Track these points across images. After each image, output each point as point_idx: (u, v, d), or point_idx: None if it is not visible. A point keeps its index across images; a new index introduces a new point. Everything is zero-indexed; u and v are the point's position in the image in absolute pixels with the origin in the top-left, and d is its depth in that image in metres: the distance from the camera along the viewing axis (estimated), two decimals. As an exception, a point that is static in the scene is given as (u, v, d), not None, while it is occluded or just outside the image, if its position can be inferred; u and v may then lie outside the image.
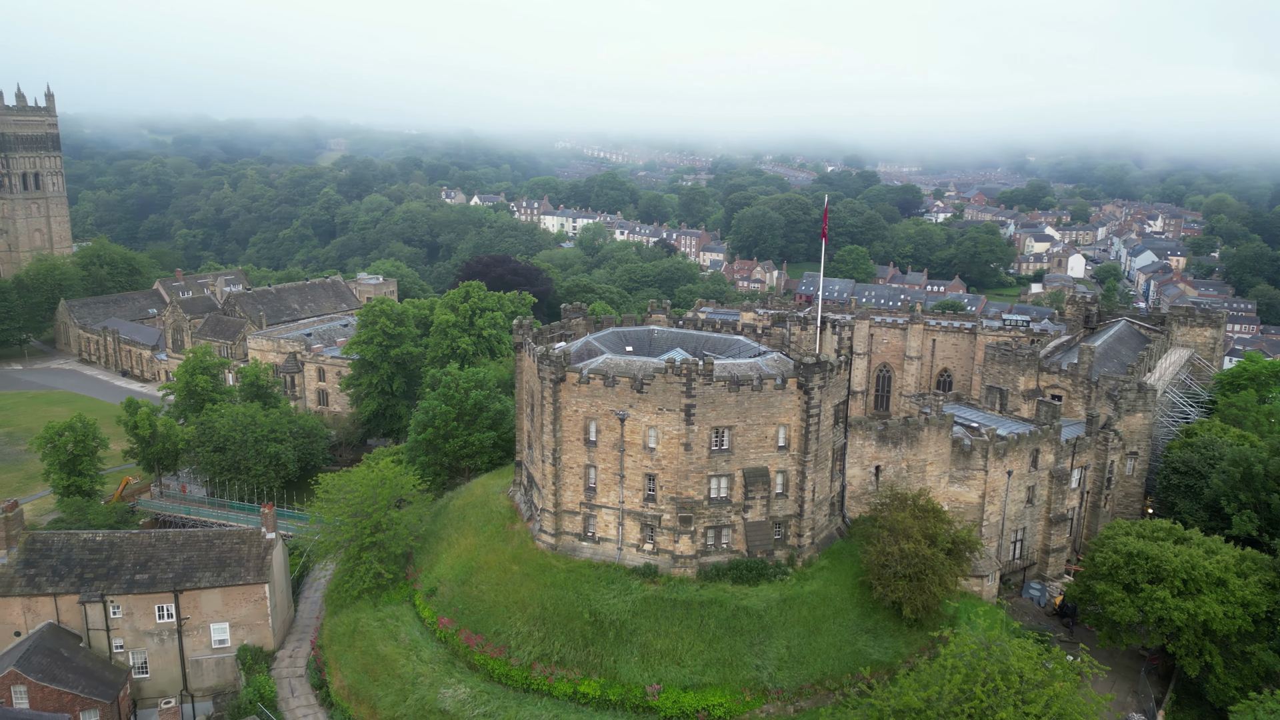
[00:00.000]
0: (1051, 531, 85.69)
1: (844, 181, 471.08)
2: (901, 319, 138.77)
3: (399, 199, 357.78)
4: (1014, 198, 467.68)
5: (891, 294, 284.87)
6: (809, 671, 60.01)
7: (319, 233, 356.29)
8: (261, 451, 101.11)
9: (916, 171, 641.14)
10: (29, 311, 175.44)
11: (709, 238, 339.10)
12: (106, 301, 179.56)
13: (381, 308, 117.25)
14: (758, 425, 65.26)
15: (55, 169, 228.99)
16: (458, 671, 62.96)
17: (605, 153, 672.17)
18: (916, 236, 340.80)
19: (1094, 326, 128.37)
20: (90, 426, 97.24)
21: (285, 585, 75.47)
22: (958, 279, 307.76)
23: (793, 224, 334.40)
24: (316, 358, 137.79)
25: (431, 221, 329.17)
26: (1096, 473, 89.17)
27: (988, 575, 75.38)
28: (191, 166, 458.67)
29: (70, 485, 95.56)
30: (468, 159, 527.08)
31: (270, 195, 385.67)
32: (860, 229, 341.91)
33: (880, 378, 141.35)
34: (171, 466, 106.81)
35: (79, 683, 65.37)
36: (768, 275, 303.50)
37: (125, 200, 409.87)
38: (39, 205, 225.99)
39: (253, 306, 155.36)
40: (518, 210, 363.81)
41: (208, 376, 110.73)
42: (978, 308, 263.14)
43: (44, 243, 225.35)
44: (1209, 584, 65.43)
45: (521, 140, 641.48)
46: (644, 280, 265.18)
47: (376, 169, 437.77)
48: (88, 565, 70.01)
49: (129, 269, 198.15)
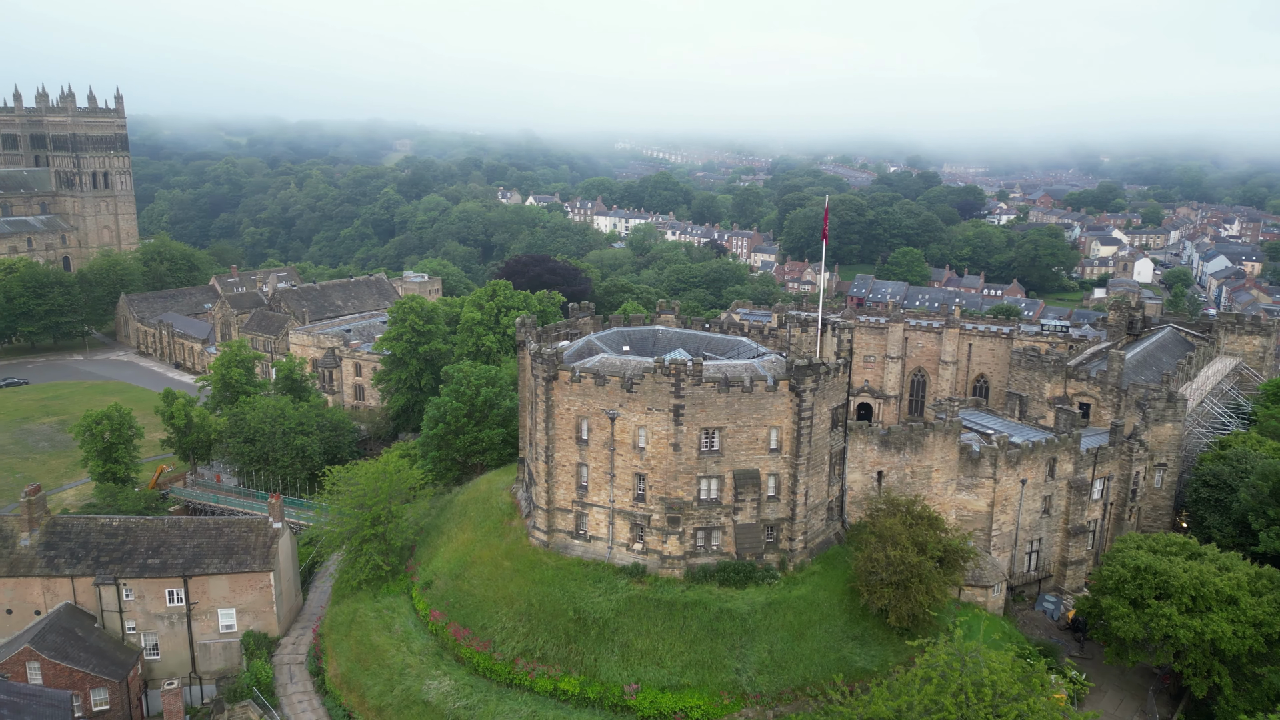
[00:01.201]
0: (1070, 543, 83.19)
1: (904, 182, 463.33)
2: (937, 323, 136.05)
3: (456, 199, 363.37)
4: (1082, 199, 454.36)
5: (946, 297, 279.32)
6: (790, 677, 59.36)
7: (379, 231, 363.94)
8: (289, 444, 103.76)
9: (983, 173, 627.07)
10: (91, 305, 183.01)
11: (761, 239, 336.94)
12: (164, 296, 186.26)
13: (411, 305, 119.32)
14: (748, 427, 64.74)
15: (123, 168, 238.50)
16: (445, 664, 63.88)
17: (664, 153, 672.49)
18: (975, 239, 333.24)
19: (1138, 333, 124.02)
20: (126, 415, 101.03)
21: (292, 574, 77.41)
22: (1016, 283, 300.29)
23: (846, 225, 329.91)
24: (353, 353, 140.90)
25: (486, 221, 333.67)
26: (1120, 484, 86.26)
27: (993, 586, 73.49)
28: (261, 167, 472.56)
29: (106, 472, 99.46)
30: (526, 160, 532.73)
31: (333, 195, 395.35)
32: (916, 231, 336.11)
33: (915, 382, 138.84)
34: (205, 456, 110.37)
35: (90, 661, 68.05)
36: (818, 277, 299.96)
37: (199, 199, 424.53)
38: (108, 203, 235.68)
39: (297, 302, 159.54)
40: (571, 211, 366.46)
41: (241, 370, 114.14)
42: (1035, 312, 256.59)
43: (112, 239, 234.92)
44: (1219, 602, 62.86)
45: (581, 142, 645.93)
46: (691, 281, 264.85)
47: (437, 169, 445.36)
48: (104, 549, 72.84)
49: (188, 265, 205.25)
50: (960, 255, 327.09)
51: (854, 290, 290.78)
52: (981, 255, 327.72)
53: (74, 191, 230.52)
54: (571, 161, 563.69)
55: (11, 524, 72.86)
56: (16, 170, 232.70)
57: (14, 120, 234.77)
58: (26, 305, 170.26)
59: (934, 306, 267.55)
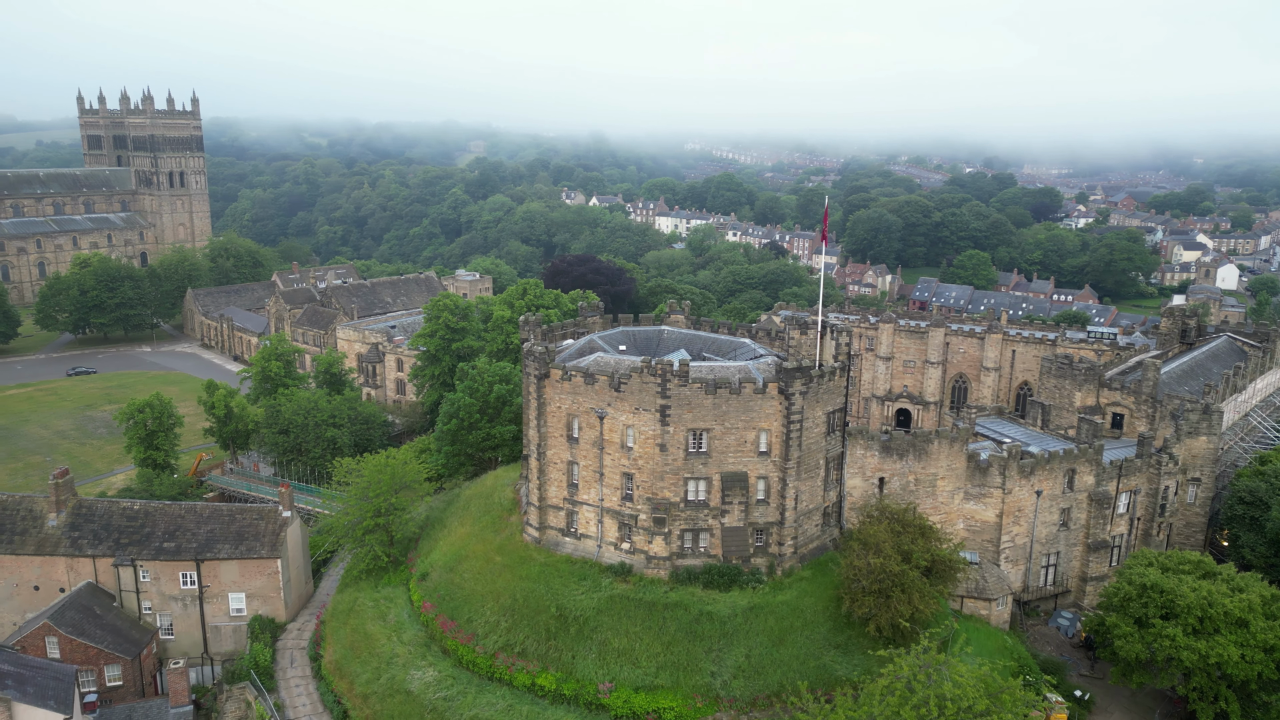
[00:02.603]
0: (1090, 558, 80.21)
1: (978, 184, 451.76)
2: (979, 327, 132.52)
3: (521, 199, 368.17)
4: (1167, 202, 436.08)
5: (1013, 302, 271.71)
6: (766, 682, 58.61)
7: (446, 231, 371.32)
8: (320, 435, 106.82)
9: (1066, 174, 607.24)
10: (160, 298, 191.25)
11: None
12: (228, 291, 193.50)
13: (444, 303, 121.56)
14: (736, 429, 64.19)
15: (198, 168, 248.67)
16: (431, 655, 64.94)
17: (733, 154, 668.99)
18: (1047, 242, 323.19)
19: (1191, 341, 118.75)
20: (167, 405, 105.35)
21: (302, 561, 79.65)
22: (1088, 288, 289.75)
23: (911, 227, 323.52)
24: (396, 349, 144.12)
25: (549, 221, 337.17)
26: (1148, 498, 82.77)
27: (997, 599, 71.36)
28: (338, 167, 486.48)
29: (147, 458, 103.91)
30: (595, 162, 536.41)
31: (404, 195, 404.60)
32: (984, 233, 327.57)
33: (956, 388, 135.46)
34: (244, 445, 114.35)
35: (105, 638, 71.20)
36: (880, 280, 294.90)
37: (278, 198, 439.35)
38: (183, 201, 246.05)
39: (347, 299, 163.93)
40: (633, 211, 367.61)
41: (280, 363, 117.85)
42: (1106, 319, 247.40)
43: (186, 236, 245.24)
44: (1228, 624, 59.97)
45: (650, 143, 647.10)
46: (748, 282, 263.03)
47: (506, 170, 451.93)
48: (124, 531, 76.12)
49: (253, 261, 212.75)
50: (1030, 259, 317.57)
51: (917, 294, 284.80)
52: (1053, 259, 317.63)
53: (152, 190, 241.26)
54: (639, 163, 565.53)
55: (41, 505, 76.69)
56: (100, 169, 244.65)
57: (98, 122, 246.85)
58: (99, 298, 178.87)
59: (999, 312, 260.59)
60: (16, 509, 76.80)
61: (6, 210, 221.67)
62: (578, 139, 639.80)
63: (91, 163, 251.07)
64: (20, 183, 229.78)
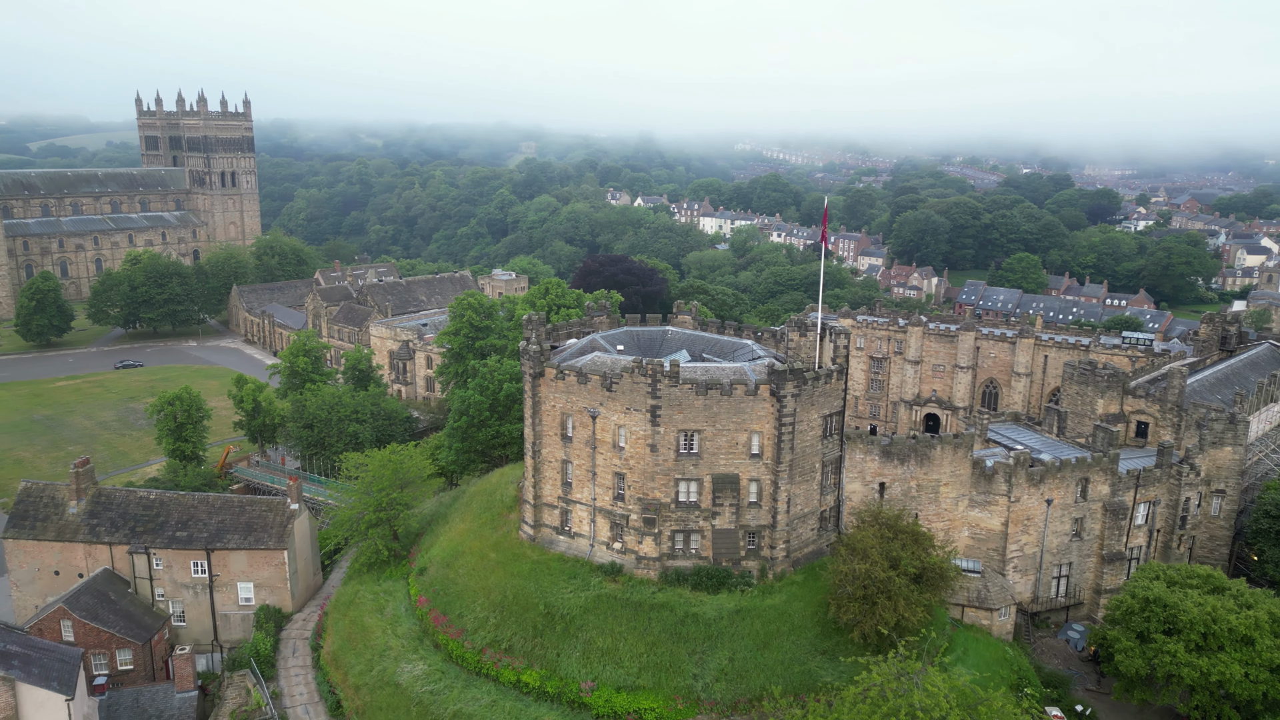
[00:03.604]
0: (1105, 570, 77.99)
1: (1033, 185, 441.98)
2: (1010, 331, 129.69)
3: (566, 200, 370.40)
4: (1232, 205, 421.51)
5: (1063, 306, 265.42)
6: (748, 686, 58.15)
7: (492, 230, 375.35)
8: (343, 431, 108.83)
9: (1128, 175, 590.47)
10: (207, 295, 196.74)
11: (869, 241, 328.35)
12: (272, 288, 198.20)
13: (469, 301, 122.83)
14: (727, 431, 63.80)
15: (249, 168, 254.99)
16: (423, 649, 65.76)
17: (784, 154, 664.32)
18: (1101, 245, 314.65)
19: (1232, 349, 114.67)
20: (195, 398, 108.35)
21: (310, 553, 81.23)
22: (1143, 293, 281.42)
23: (959, 229, 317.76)
24: (426, 346, 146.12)
25: (593, 222, 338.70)
26: (1168, 510, 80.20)
27: (999, 609, 69.73)
28: (391, 168, 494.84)
29: (176, 449, 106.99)
30: (643, 162, 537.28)
31: (453, 195, 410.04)
32: (1036, 236, 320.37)
33: (986, 394, 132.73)
34: (271, 439, 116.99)
35: (118, 623, 73.46)
36: (925, 282, 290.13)
37: (333, 198, 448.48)
38: (234, 200, 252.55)
39: (382, 297, 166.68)
40: (678, 212, 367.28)
41: (307, 359, 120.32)
42: (1161, 325, 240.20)
43: (237, 234, 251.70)
44: (1232, 641, 57.84)
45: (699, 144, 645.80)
46: (789, 284, 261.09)
47: (553, 171, 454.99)
48: (140, 520, 78.49)
49: (297, 259, 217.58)
50: (1084, 262, 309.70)
51: (963, 297, 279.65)
52: (1108, 263, 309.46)
53: (204, 189, 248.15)
54: (688, 163, 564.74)
55: (62, 493, 79.46)
56: (156, 169, 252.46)
57: (155, 123, 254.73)
58: (148, 294, 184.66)
59: (1049, 316, 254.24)
60: (40, 496, 79.69)
61: (66, 208, 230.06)
62: (627, 140, 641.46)
63: (149, 163, 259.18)
64: (80, 182, 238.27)
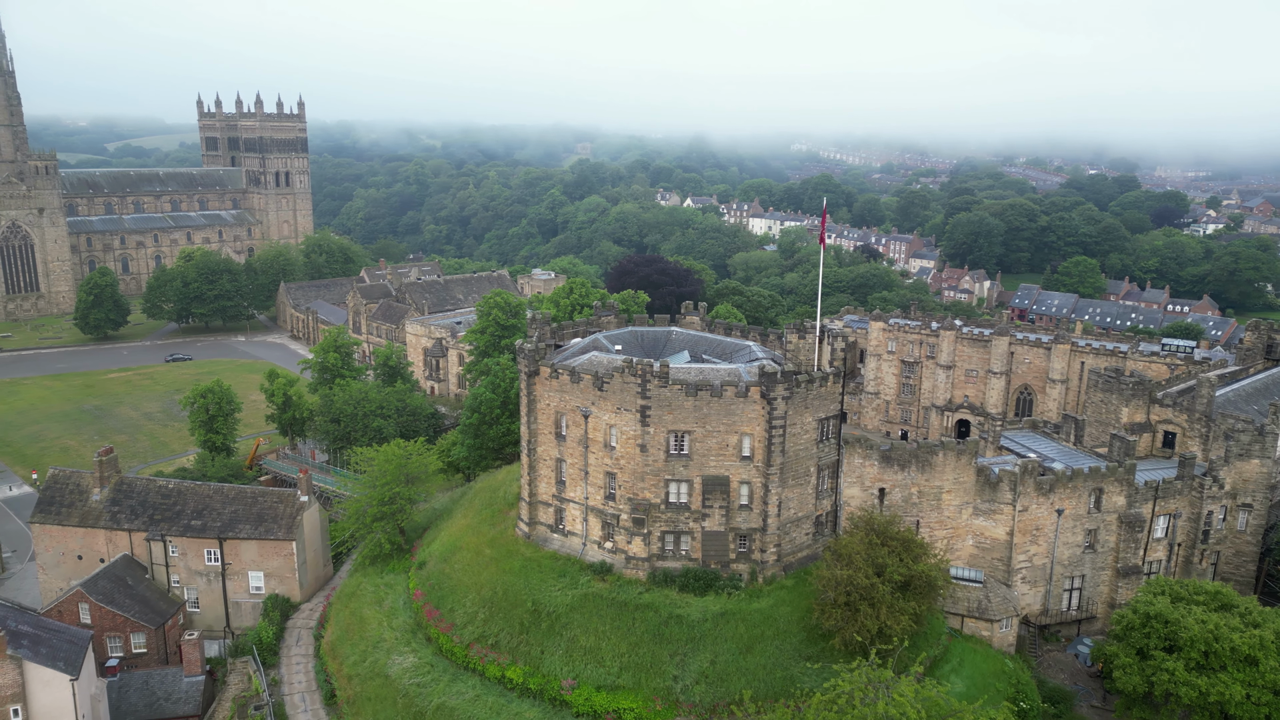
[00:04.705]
0: (1120, 584, 75.60)
1: (1097, 186, 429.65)
2: (1046, 337, 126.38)
3: (615, 200, 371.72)
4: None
5: (1121, 312, 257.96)
6: (729, 690, 57.63)
7: (542, 230, 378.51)
8: (368, 425, 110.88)
9: (1200, 177, 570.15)
10: (256, 291, 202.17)
11: (921, 243, 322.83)
12: (318, 286, 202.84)
13: (495, 300, 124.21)
14: (718, 432, 63.40)
15: (302, 168, 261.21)
16: (416, 642, 66.66)
17: (842, 155, 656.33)
18: (1164, 249, 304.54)
19: (1278, 358, 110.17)
20: (226, 391, 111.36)
21: (320, 544, 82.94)
22: (1207, 299, 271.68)
23: (1014, 231, 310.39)
24: (458, 344, 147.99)
25: (641, 222, 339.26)
26: (1190, 523, 77.35)
27: (1000, 620, 68.04)
28: (447, 168, 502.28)
29: (207, 440, 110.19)
30: (695, 163, 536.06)
31: (506, 195, 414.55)
32: (1095, 239, 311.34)
33: (1021, 400, 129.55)
34: (301, 432, 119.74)
35: (133, 608, 75.93)
36: (977, 285, 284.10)
37: (390, 198, 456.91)
38: (288, 200, 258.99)
39: (419, 295, 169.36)
40: (727, 213, 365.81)
41: (337, 354, 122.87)
42: (1224, 333, 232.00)
43: (290, 232, 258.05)
44: (1234, 661, 55.58)
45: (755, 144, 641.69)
46: (835, 286, 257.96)
47: (605, 172, 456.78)
48: (158, 508, 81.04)
49: (344, 257, 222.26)
50: (1145, 267, 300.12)
51: (1016, 301, 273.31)
52: (1171, 268, 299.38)
53: (259, 189, 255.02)
54: (742, 164, 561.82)
55: (87, 480, 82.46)
56: (214, 169, 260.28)
57: (215, 124, 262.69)
58: (199, 290, 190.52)
59: (1105, 322, 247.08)
60: (66, 483, 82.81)
61: (129, 206, 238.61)
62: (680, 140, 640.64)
63: (209, 163, 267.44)
64: (142, 181, 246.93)
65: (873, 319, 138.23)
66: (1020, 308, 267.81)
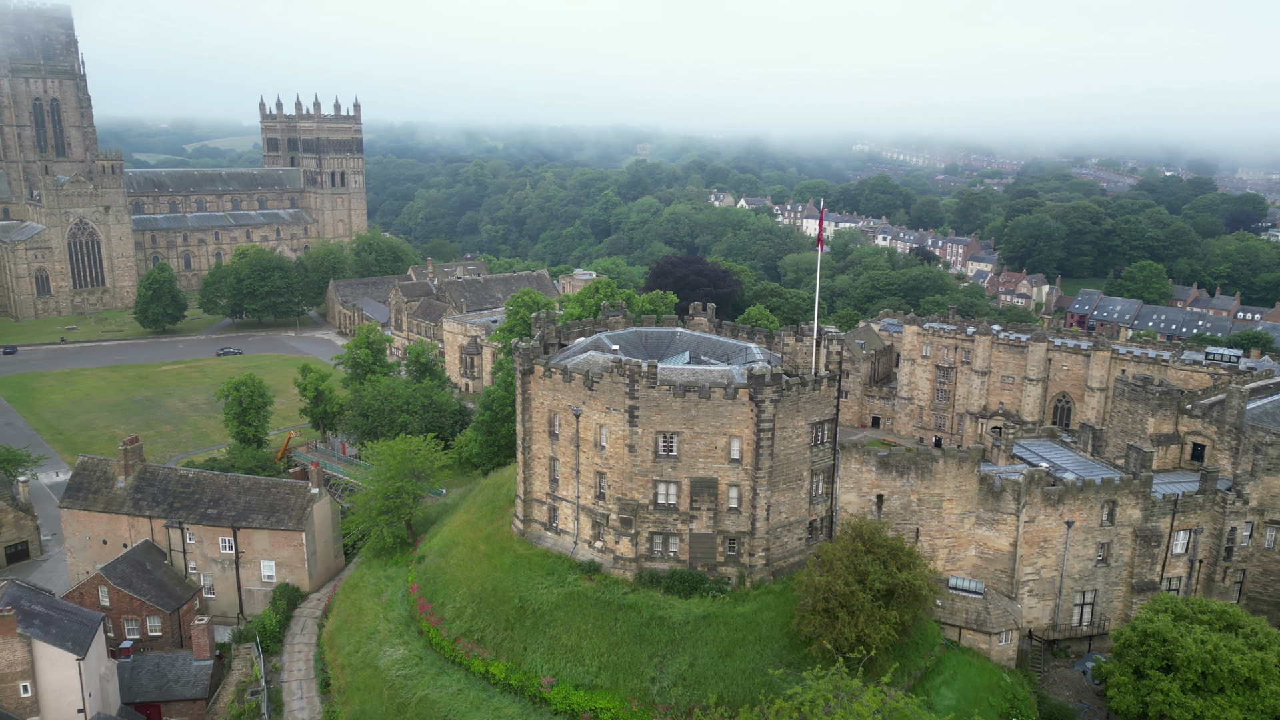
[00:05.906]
0: (1135, 600, 72.87)
1: (1171, 189, 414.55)
2: (1084, 344, 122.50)
3: (668, 201, 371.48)
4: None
5: (1187, 319, 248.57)
6: (705, 693, 57.16)
7: (595, 231, 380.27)
8: (393, 420, 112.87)
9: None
10: (306, 288, 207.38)
11: (979, 246, 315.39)
12: (366, 283, 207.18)
13: (523, 299, 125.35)
14: (706, 434, 62.99)
15: (357, 169, 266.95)
16: (408, 634, 67.66)
17: (904, 155, 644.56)
18: (1237, 254, 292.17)
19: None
20: (259, 385, 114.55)
21: (330, 535, 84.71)
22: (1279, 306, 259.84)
23: (1076, 234, 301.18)
24: (491, 342, 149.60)
25: (693, 223, 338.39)
26: (1212, 539, 74.22)
27: (1000, 633, 66.21)
28: (506, 169, 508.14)
29: (239, 432, 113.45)
30: (753, 164, 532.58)
31: (561, 196, 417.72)
32: (1163, 243, 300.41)
33: (1058, 408, 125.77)
34: (331, 426, 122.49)
35: (149, 592, 78.61)
36: (1035, 290, 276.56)
37: (450, 198, 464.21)
38: (343, 199, 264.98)
39: (459, 294, 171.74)
40: (781, 214, 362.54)
41: (368, 350, 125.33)
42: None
43: (345, 231, 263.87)
44: (1233, 683, 53.24)
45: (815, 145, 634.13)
46: (887, 289, 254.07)
47: (661, 172, 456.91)
48: (178, 496, 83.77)
49: (393, 256, 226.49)
50: (1216, 272, 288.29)
51: (1076, 306, 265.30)
52: (1244, 273, 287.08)
53: (316, 188, 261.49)
54: (801, 165, 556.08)
55: (113, 468, 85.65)
56: (274, 169, 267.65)
57: (275, 126, 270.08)
58: (252, 286, 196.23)
59: (1170, 329, 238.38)
60: (94, 470, 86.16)
61: (192, 205, 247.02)
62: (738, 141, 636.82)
63: (270, 163, 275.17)
64: (205, 181, 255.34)
65: (907, 323, 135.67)
66: (1080, 313, 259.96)
